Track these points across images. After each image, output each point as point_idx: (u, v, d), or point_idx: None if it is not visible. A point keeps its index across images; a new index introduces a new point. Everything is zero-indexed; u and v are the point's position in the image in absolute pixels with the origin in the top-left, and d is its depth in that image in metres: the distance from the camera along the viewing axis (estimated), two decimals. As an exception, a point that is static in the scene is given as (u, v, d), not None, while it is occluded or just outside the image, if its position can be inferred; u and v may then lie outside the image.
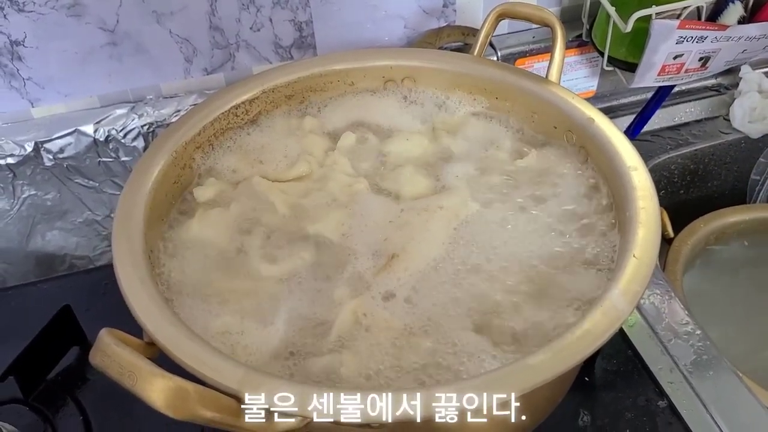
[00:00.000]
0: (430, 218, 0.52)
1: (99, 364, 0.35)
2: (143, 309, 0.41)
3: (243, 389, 0.37)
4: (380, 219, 0.53)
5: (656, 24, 0.67)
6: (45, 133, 0.70)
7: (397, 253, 0.50)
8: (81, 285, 0.68)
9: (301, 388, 0.38)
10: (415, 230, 0.52)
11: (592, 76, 0.85)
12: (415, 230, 0.52)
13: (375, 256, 0.50)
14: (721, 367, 0.58)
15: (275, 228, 0.53)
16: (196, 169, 0.56)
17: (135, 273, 0.44)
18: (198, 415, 0.35)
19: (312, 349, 0.45)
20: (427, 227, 0.52)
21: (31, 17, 0.65)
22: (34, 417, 0.57)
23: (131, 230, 0.47)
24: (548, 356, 0.39)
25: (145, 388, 0.34)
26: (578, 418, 0.56)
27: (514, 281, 0.49)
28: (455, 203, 0.53)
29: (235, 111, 0.59)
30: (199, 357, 0.39)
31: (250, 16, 0.71)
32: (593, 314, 0.41)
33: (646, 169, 0.50)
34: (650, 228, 0.46)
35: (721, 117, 0.90)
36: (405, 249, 0.50)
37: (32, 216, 0.74)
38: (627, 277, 0.43)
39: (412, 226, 0.52)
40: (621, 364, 0.60)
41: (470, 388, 0.38)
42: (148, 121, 0.72)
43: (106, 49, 0.69)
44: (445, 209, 0.53)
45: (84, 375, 0.60)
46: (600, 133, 0.53)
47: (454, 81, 0.62)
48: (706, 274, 0.80)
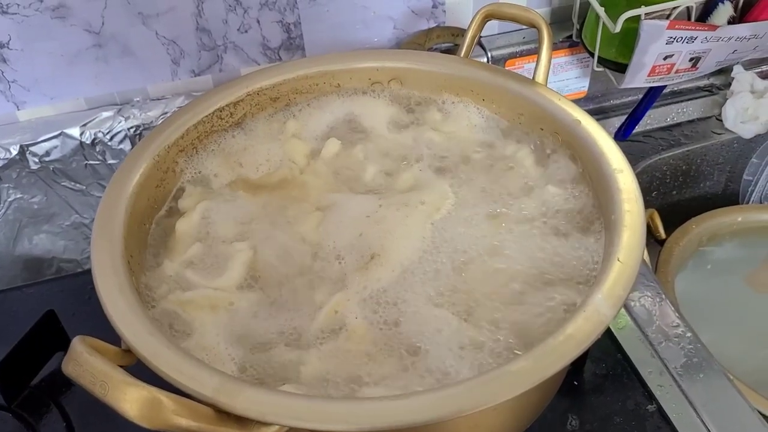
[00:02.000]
0: (410, 213, 0.52)
1: (71, 372, 0.35)
2: (120, 316, 0.41)
3: (219, 397, 0.36)
4: (359, 216, 0.52)
5: (645, 24, 0.66)
6: (31, 136, 0.70)
7: (378, 252, 0.50)
8: (67, 289, 0.68)
9: (278, 397, 0.37)
10: (395, 226, 0.51)
11: (583, 76, 0.85)
12: (395, 226, 0.51)
13: (355, 254, 0.50)
14: (712, 369, 0.58)
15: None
16: (179, 172, 0.56)
17: (114, 280, 0.44)
18: (173, 424, 0.35)
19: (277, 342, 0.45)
20: (405, 223, 0.51)
21: (15, 19, 0.65)
22: (16, 424, 0.57)
23: (111, 235, 0.47)
24: (530, 362, 0.38)
25: (118, 397, 0.34)
26: (567, 422, 0.55)
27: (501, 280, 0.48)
28: (435, 198, 0.53)
29: (219, 114, 0.58)
30: (175, 365, 0.38)
31: (237, 18, 0.71)
32: (576, 319, 0.40)
33: (632, 171, 0.49)
34: (635, 231, 0.45)
35: (714, 117, 0.90)
36: (384, 246, 0.50)
37: (19, 220, 0.74)
38: (611, 281, 0.42)
39: (390, 223, 0.52)
40: (610, 367, 0.59)
41: (451, 396, 0.37)
42: (134, 124, 0.71)
43: (92, 51, 0.69)
44: (426, 204, 0.53)
45: (68, 381, 0.59)
46: (586, 135, 0.53)
47: (441, 82, 0.62)
48: (699, 275, 0.80)
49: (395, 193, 0.55)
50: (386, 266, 0.49)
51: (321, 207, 0.54)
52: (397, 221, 0.52)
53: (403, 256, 0.49)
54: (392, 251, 0.49)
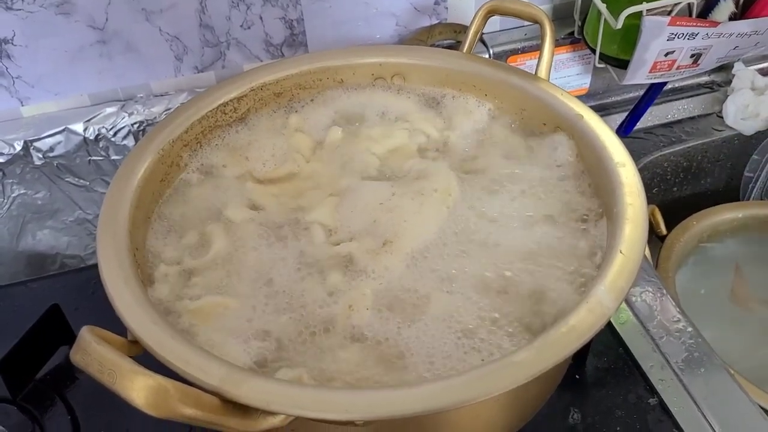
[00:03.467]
0: (424, 201, 0.52)
1: (79, 361, 0.35)
2: (126, 307, 0.41)
3: (225, 387, 0.37)
4: (372, 203, 0.53)
5: (647, 21, 0.66)
6: (34, 132, 0.70)
7: (390, 238, 0.50)
8: (71, 284, 0.68)
9: (284, 386, 0.38)
10: (408, 213, 0.52)
11: (584, 73, 0.85)
12: (408, 213, 0.52)
13: (370, 239, 0.51)
14: (713, 364, 0.58)
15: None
16: (183, 167, 0.56)
17: (120, 272, 0.44)
18: (179, 412, 0.35)
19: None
20: (420, 210, 0.52)
21: (19, 15, 0.65)
22: (21, 417, 0.57)
23: (116, 229, 0.47)
24: (532, 353, 0.39)
25: (125, 386, 0.34)
26: (568, 415, 0.56)
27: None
28: (445, 186, 0.54)
29: (223, 109, 0.58)
30: (181, 355, 0.38)
31: (240, 14, 0.71)
32: (578, 310, 0.41)
33: (634, 165, 0.50)
34: (637, 224, 0.45)
35: (714, 114, 0.90)
36: (397, 233, 0.50)
37: (22, 215, 0.74)
38: (613, 274, 0.42)
39: (404, 209, 0.52)
40: (612, 361, 0.59)
41: (453, 386, 0.38)
42: (138, 120, 0.71)
43: (95, 47, 0.69)
44: (439, 192, 0.53)
45: (73, 374, 0.60)
46: (588, 129, 0.53)
47: (443, 78, 0.62)
48: (699, 271, 0.80)
49: (407, 180, 0.55)
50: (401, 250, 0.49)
51: (334, 193, 0.55)
52: (413, 208, 0.52)
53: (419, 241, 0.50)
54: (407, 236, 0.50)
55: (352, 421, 0.38)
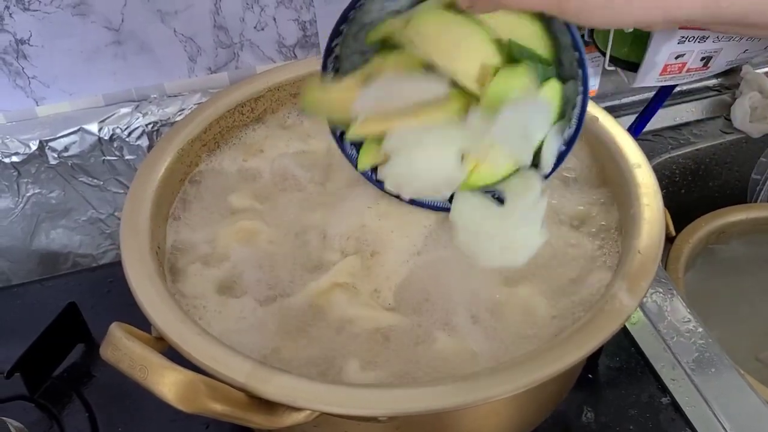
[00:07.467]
0: None
1: (110, 357, 0.36)
2: (152, 305, 0.42)
3: (251, 383, 0.37)
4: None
5: (658, 23, 0.67)
6: (50, 132, 0.70)
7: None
8: (85, 283, 0.68)
9: (309, 383, 0.38)
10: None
11: (594, 75, 0.85)
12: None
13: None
14: (723, 364, 0.59)
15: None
16: (201, 166, 0.57)
17: (143, 269, 0.44)
18: (208, 408, 0.35)
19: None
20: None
21: (36, 16, 0.65)
22: (40, 414, 0.57)
23: (139, 227, 0.47)
24: (554, 351, 0.39)
25: (157, 381, 0.34)
26: (582, 414, 0.56)
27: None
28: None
29: (240, 109, 0.59)
30: (207, 351, 0.39)
31: (254, 16, 0.72)
32: (599, 309, 0.41)
33: (649, 166, 0.50)
34: (654, 225, 0.46)
35: (722, 117, 0.90)
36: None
37: (36, 214, 0.75)
38: (632, 273, 0.43)
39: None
40: (624, 361, 0.60)
41: (474, 383, 0.38)
42: (152, 120, 0.72)
43: (110, 48, 0.69)
44: None
45: (89, 372, 0.61)
46: (603, 131, 0.54)
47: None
48: (708, 272, 0.81)
49: None
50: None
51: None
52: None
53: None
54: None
55: (376, 417, 0.38)
